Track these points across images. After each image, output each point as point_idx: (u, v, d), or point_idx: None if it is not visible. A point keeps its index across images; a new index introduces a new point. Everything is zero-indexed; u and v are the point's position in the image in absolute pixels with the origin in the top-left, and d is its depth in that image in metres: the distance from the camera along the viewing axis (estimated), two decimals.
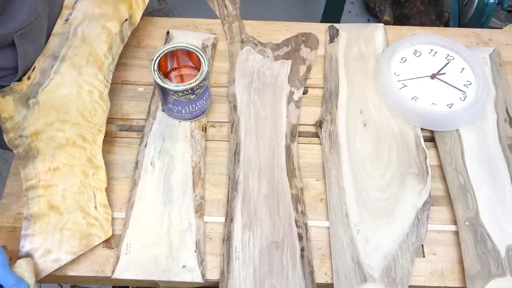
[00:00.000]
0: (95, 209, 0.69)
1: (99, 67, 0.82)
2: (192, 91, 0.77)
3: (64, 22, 0.86)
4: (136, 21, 0.90)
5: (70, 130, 0.76)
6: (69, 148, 0.74)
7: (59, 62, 0.81)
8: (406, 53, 0.92)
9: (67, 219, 0.69)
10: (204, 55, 0.79)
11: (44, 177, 0.72)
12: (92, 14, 0.87)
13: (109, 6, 0.89)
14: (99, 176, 0.72)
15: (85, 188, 0.71)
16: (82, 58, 0.82)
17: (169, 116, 0.85)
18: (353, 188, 0.78)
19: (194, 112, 0.83)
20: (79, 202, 0.70)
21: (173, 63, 0.85)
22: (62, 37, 0.84)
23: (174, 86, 0.76)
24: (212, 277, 0.72)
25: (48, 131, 0.75)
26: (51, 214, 0.69)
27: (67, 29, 0.85)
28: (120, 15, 0.88)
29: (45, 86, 0.78)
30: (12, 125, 0.76)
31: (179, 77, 0.87)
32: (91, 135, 0.76)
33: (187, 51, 0.81)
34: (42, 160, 0.73)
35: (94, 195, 0.70)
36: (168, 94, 0.77)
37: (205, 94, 0.81)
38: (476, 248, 0.72)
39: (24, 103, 0.77)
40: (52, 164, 0.72)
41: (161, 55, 0.79)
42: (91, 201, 0.70)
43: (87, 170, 0.72)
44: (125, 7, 0.89)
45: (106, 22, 0.86)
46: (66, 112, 0.77)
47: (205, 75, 0.77)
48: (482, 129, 0.84)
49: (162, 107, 0.85)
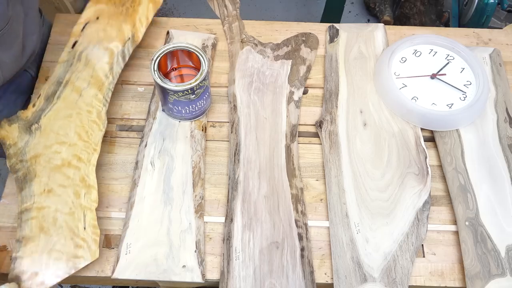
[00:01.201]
0: (84, 229, 0.71)
1: (99, 87, 0.83)
2: (192, 91, 0.77)
3: (70, 49, 0.88)
4: (139, 39, 0.91)
5: (66, 151, 0.77)
6: (64, 169, 0.75)
7: (62, 87, 0.83)
8: (406, 53, 0.92)
9: (56, 240, 0.70)
10: (204, 55, 0.79)
11: (38, 199, 0.73)
12: (97, 39, 0.88)
13: (114, 28, 0.90)
14: (91, 195, 0.73)
15: (76, 209, 0.72)
16: (84, 81, 0.83)
17: (169, 116, 0.85)
18: (353, 188, 0.78)
19: (194, 112, 0.83)
20: (68, 223, 0.71)
21: (173, 63, 0.85)
22: (67, 63, 0.86)
23: (174, 86, 0.76)
24: (212, 277, 0.72)
25: (46, 154, 0.76)
26: (41, 236, 0.70)
27: (72, 55, 0.87)
28: (123, 35, 0.89)
29: (47, 111, 0.80)
30: (15, 151, 0.77)
31: (179, 77, 0.87)
32: (86, 154, 0.77)
33: (187, 51, 0.81)
34: (38, 182, 0.74)
35: (84, 215, 0.72)
36: (168, 94, 0.77)
37: (205, 94, 0.81)
38: (476, 248, 0.72)
39: (27, 129, 0.78)
40: (47, 186, 0.74)
41: (161, 55, 0.79)
42: (80, 221, 0.71)
43: (79, 190, 0.73)
44: (128, 27, 0.90)
45: (109, 43, 0.88)
46: (64, 134, 0.78)
47: (205, 75, 0.78)
48: (482, 129, 0.84)
49: (162, 107, 0.85)
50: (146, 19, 0.92)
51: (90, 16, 0.91)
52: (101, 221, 0.74)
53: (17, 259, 0.69)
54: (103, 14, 0.91)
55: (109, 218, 0.77)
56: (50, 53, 0.95)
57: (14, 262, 0.69)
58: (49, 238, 0.70)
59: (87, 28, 0.90)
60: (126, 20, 0.91)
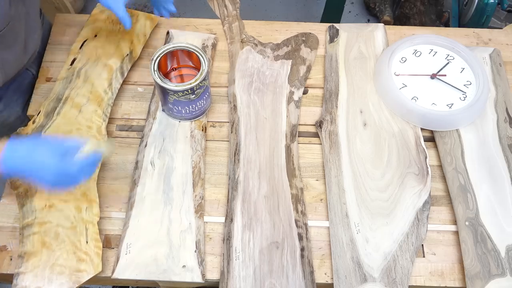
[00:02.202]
0: (86, 243, 0.71)
1: (99, 103, 0.84)
2: (192, 91, 0.77)
3: (69, 66, 0.89)
4: (137, 55, 0.92)
5: None
6: None
7: (61, 103, 0.83)
8: (406, 53, 0.92)
9: (58, 255, 0.70)
10: (204, 55, 0.79)
11: (40, 214, 0.73)
12: (95, 56, 0.90)
13: (112, 45, 0.91)
14: (92, 210, 0.74)
15: (78, 223, 0.72)
16: (83, 98, 0.84)
17: (169, 116, 0.85)
18: (353, 188, 0.78)
19: (194, 112, 0.83)
20: (70, 237, 0.71)
21: (173, 63, 0.85)
22: (66, 80, 0.87)
23: (174, 86, 0.76)
24: (212, 277, 0.72)
25: None
26: (43, 251, 0.70)
27: (71, 72, 0.88)
28: (121, 52, 0.91)
29: (47, 127, 0.81)
30: None
31: (179, 77, 0.87)
32: None
33: (187, 51, 0.81)
34: (39, 198, 0.74)
35: (86, 229, 0.72)
36: (168, 94, 0.77)
37: (205, 94, 0.81)
38: (476, 248, 0.72)
39: None
40: (48, 201, 0.74)
41: (161, 55, 0.79)
42: (82, 235, 0.72)
43: (81, 205, 0.74)
44: (126, 44, 0.92)
45: (108, 60, 0.89)
46: None
47: (205, 75, 0.77)
48: (482, 129, 0.84)
49: (162, 107, 0.85)
50: (144, 36, 0.94)
51: (88, 34, 0.93)
52: (101, 221, 0.74)
53: (20, 274, 0.69)
54: (101, 32, 0.93)
55: (109, 218, 0.77)
56: (50, 53, 0.95)
57: (17, 278, 0.69)
58: (51, 253, 0.70)
59: (85, 45, 0.91)
60: (124, 37, 0.93)
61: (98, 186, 0.77)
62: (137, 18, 0.95)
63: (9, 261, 0.73)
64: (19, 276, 0.69)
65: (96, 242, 0.71)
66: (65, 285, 0.68)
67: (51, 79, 0.91)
